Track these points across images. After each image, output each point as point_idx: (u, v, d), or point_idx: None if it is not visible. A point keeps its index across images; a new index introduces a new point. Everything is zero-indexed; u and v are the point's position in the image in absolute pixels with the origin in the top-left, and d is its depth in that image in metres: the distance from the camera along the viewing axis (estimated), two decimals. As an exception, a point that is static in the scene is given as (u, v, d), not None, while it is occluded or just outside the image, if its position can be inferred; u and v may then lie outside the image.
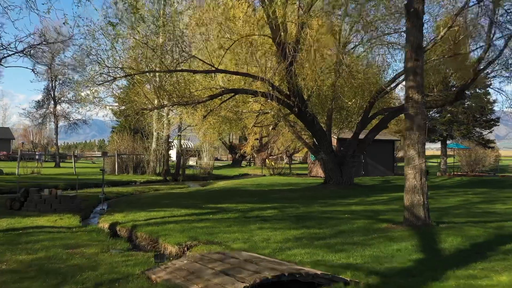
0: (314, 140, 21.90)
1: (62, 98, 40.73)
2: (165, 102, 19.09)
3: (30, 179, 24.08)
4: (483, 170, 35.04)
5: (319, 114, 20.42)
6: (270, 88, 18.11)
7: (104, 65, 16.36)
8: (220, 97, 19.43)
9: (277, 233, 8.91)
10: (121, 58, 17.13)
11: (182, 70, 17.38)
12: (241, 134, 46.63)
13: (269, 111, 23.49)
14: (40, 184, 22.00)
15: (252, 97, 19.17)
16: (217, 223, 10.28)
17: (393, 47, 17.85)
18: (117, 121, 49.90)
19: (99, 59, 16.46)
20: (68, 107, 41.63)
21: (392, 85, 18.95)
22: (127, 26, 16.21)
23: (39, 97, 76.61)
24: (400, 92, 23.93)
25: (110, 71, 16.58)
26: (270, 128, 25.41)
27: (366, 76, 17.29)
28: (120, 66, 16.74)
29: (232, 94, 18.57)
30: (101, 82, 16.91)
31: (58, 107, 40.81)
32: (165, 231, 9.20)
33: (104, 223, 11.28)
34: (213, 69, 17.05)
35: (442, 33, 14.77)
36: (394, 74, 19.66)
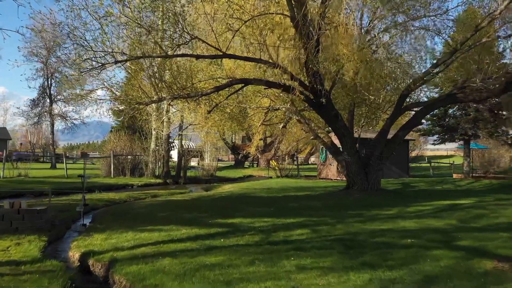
0: (332, 139, 18.46)
1: (59, 97, 37.11)
2: (164, 95, 15.61)
3: (14, 183, 20.57)
4: (497, 171, 31.75)
5: (340, 109, 16.94)
6: (288, 77, 14.71)
7: (89, 48, 12.93)
8: (227, 90, 16.00)
9: (330, 279, 5.44)
10: (112, 43, 13.58)
11: (183, 55, 13.91)
12: (244, 134, 43.16)
13: (280, 106, 20.07)
14: (23, 189, 18.55)
15: (265, 88, 15.71)
16: (232, 255, 6.79)
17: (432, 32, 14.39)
18: (117, 120, 46.45)
19: (84, 42, 13.02)
20: (65, 106, 38.02)
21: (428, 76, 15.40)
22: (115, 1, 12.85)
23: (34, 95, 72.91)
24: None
25: (97, 55, 13.16)
26: (281, 126, 21.99)
27: (398, 64, 13.82)
28: (109, 50, 13.25)
29: (242, 85, 15.11)
30: (86, 70, 13.46)
31: (54, 106, 37.22)
32: (156, 275, 5.71)
33: (75, 252, 7.77)
34: (220, 53, 13.60)
35: (506, 3, 11.29)
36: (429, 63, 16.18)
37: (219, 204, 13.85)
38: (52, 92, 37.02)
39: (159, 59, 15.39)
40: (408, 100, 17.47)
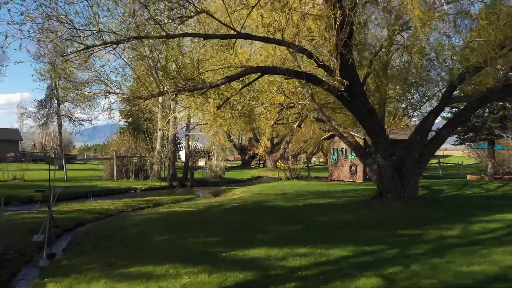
0: (355, 140, 14.78)
1: (66, 97, 33.46)
2: (165, 88, 11.95)
3: (2, 188, 16.94)
4: (507, 171, 28.12)
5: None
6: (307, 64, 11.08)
7: (69, 25, 9.35)
8: (240, 80, 12.37)
9: None
10: (99, 19, 9.89)
11: (187, 35, 10.23)
12: (251, 135, 39.46)
13: (296, 104, 16.41)
14: (11, 195, 14.92)
15: (286, 78, 12.04)
16: None
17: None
18: (126, 121, 42.91)
19: (63, 18, 9.44)
20: (73, 107, 34.40)
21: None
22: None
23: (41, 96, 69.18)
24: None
25: (81, 35, 9.57)
26: (295, 125, 18.34)
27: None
28: (97, 29, 9.61)
29: (259, 74, 11.44)
30: (67, 54, 9.87)
31: (62, 107, 33.59)
32: None
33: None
34: (234, 33, 9.95)
35: None
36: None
37: (233, 219, 10.15)
38: (59, 93, 33.42)
39: (160, 47, 11.73)
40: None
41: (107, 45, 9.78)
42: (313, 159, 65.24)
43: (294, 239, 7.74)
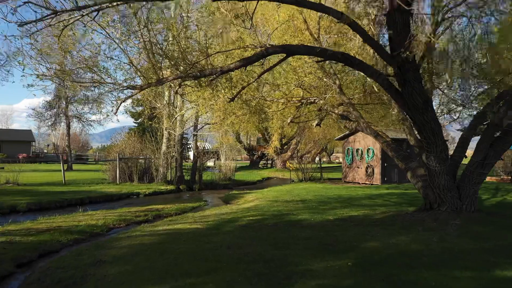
0: (391, 139, 11.37)
1: (74, 98, 30.37)
2: (166, 75, 8.70)
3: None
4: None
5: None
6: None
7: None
8: (260, 65, 9.14)
9: None
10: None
11: (190, -5, 6.91)
12: (260, 135, 36.14)
13: (317, 99, 13.18)
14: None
15: (318, 61, 8.71)
16: None
17: None
18: (135, 122, 39.84)
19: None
20: (82, 108, 31.32)
21: None
22: None
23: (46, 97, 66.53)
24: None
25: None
26: (314, 124, 15.04)
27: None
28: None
29: (284, 55, 8.11)
30: (25, 23, 6.69)
31: (70, 107, 30.49)
32: None
33: None
34: (254, -7, 6.66)
35: None
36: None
37: (253, 248, 6.83)
38: (67, 93, 30.30)
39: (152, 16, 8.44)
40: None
41: (84, 12, 6.56)
42: (316, 159, 61.93)
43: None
